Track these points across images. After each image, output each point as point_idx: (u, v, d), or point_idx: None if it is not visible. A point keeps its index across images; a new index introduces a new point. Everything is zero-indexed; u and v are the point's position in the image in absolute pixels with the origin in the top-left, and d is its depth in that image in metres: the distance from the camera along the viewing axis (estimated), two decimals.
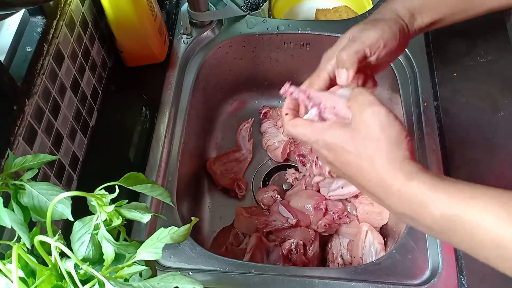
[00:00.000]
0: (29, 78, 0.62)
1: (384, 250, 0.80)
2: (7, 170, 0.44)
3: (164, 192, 0.48)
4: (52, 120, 0.67)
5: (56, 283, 0.41)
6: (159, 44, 0.88)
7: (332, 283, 0.66)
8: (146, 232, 0.72)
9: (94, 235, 0.42)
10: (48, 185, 0.43)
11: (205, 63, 0.94)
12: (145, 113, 0.84)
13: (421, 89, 0.84)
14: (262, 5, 0.97)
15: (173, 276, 0.40)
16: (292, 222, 0.84)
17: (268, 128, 1.03)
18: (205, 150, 1.02)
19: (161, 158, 0.79)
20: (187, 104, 0.87)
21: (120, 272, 0.42)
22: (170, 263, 0.69)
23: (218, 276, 0.68)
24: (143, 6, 0.80)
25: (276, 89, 1.09)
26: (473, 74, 0.84)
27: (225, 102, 1.08)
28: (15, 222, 0.40)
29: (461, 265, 0.66)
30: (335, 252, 0.87)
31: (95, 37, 0.82)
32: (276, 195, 0.92)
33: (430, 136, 0.78)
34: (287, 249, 0.83)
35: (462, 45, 0.88)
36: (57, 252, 0.40)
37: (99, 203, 0.42)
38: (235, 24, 0.95)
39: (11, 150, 0.56)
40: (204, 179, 0.99)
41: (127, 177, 0.45)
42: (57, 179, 0.68)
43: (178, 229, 0.43)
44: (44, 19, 0.66)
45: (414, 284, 0.66)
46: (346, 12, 1.08)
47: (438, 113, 0.81)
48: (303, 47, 0.97)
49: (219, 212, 0.97)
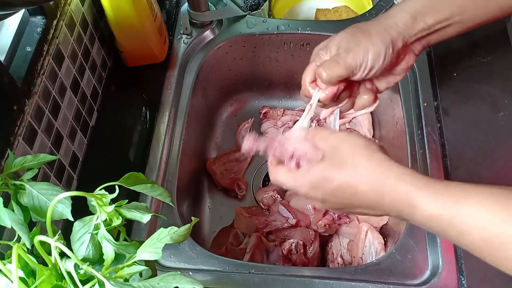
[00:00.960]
0: (29, 78, 0.62)
1: (384, 250, 0.80)
2: (7, 170, 0.44)
3: (164, 192, 0.48)
4: (52, 120, 0.67)
5: (56, 283, 0.41)
6: (159, 44, 0.88)
7: (332, 283, 0.66)
8: (146, 232, 0.72)
9: (94, 235, 0.42)
10: (48, 185, 0.43)
11: (205, 63, 0.94)
12: (145, 113, 0.84)
13: (421, 89, 0.84)
14: (262, 5, 0.97)
15: (173, 276, 0.40)
16: (292, 222, 0.84)
17: (268, 128, 1.03)
18: (205, 150, 1.02)
19: (161, 158, 0.79)
20: (187, 104, 0.87)
21: (120, 272, 0.42)
22: (170, 263, 0.69)
23: (218, 276, 0.68)
24: (143, 6, 0.80)
25: (276, 89, 1.10)
26: (473, 74, 0.84)
27: (225, 102, 1.08)
28: (15, 222, 0.40)
29: (461, 265, 0.66)
30: (335, 252, 0.87)
31: (95, 37, 0.82)
32: (276, 195, 0.92)
33: (430, 136, 0.78)
34: (287, 249, 0.83)
35: (462, 45, 0.88)
36: (57, 252, 0.40)
37: (99, 203, 0.42)
38: (235, 24, 0.95)
39: (11, 150, 0.56)
40: (204, 179, 0.99)
41: (127, 177, 0.45)
42: (57, 179, 0.68)
43: (178, 229, 0.43)
44: (44, 19, 0.66)
45: (414, 284, 0.66)
46: (346, 12, 1.08)
47: (438, 113, 0.81)
48: (303, 47, 0.97)
49: (219, 212, 0.97)
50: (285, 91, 1.09)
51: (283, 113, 1.05)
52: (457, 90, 0.83)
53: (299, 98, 1.07)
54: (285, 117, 1.04)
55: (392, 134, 0.91)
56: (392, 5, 0.94)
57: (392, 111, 0.91)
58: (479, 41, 0.88)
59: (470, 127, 0.79)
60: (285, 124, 1.03)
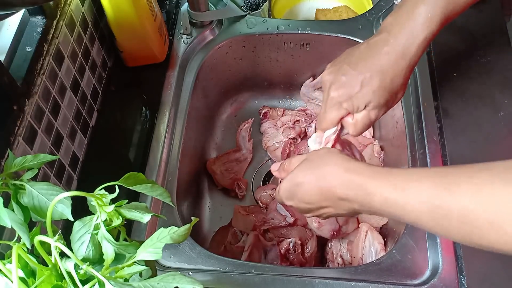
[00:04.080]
0: (29, 78, 0.62)
1: (384, 250, 0.80)
2: (7, 170, 0.44)
3: (164, 192, 0.48)
4: (52, 120, 0.67)
5: (56, 283, 0.41)
6: (159, 44, 0.88)
7: (332, 283, 0.66)
8: (146, 232, 0.72)
9: (94, 235, 0.42)
10: (48, 185, 0.43)
11: (205, 63, 0.94)
12: (145, 113, 0.84)
13: (421, 89, 0.83)
14: (262, 5, 0.97)
15: (173, 276, 0.40)
16: (290, 220, 0.84)
17: (268, 128, 1.03)
18: (205, 150, 1.02)
19: (161, 158, 0.79)
20: (187, 104, 0.87)
21: (120, 272, 0.42)
22: (170, 263, 0.69)
23: (218, 276, 0.68)
24: (143, 6, 0.80)
25: (276, 89, 1.10)
26: (473, 74, 0.84)
27: (225, 102, 1.08)
28: (15, 222, 0.40)
29: (461, 265, 0.66)
30: (335, 252, 0.87)
31: (95, 37, 0.82)
32: (274, 193, 0.92)
33: (430, 136, 0.78)
34: (284, 249, 0.83)
35: (462, 45, 0.88)
36: (57, 252, 0.40)
37: (99, 203, 0.42)
38: (235, 24, 0.95)
39: (11, 150, 0.56)
40: (204, 179, 0.99)
41: (127, 177, 0.45)
42: (57, 179, 0.68)
43: (178, 229, 0.43)
44: (44, 19, 0.66)
45: (414, 284, 0.66)
46: (346, 12, 1.08)
47: (438, 113, 0.81)
48: (303, 47, 0.97)
49: (219, 212, 0.97)
50: (285, 91, 1.09)
51: (283, 113, 1.05)
52: (457, 90, 0.83)
53: (299, 98, 1.07)
54: (285, 117, 1.04)
55: (392, 134, 0.91)
56: (392, 5, 0.94)
57: (392, 111, 0.90)
58: (479, 41, 0.88)
59: (470, 127, 0.79)
60: (285, 124, 1.03)
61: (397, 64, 0.58)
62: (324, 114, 0.63)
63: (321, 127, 0.65)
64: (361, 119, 0.61)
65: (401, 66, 0.58)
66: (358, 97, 0.59)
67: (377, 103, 0.59)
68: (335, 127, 0.64)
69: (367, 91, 0.59)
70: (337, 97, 0.61)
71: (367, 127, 0.63)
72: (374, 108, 0.60)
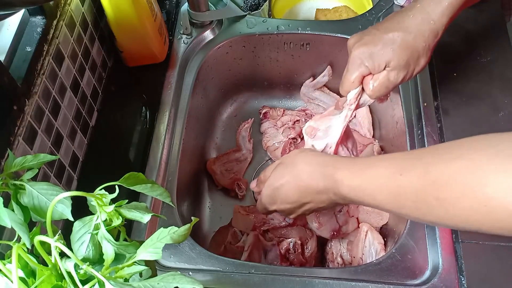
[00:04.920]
0: (29, 78, 0.62)
1: (384, 250, 0.80)
2: (7, 170, 0.44)
3: (164, 192, 0.48)
4: (52, 120, 0.67)
5: (56, 283, 0.41)
6: (159, 44, 0.88)
7: (332, 283, 0.66)
8: (146, 232, 0.72)
9: (94, 235, 0.42)
10: (48, 185, 0.43)
11: (205, 63, 0.94)
12: (145, 113, 0.84)
13: (421, 89, 0.83)
14: (262, 5, 0.97)
15: (173, 276, 0.40)
16: (289, 220, 0.84)
17: (267, 128, 1.03)
18: (205, 150, 1.02)
19: (161, 158, 0.79)
20: (187, 104, 0.87)
21: (120, 272, 0.42)
22: (170, 263, 0.69)
23: (218, 276, 0.68)
24: (143, 6, 0.80)
25: (276, 89, 1.09)
26: (473, 74, 0.84)
27: (225, 102, 1.08)
28: (15, 222, 0.40)
29: (461, 265, 0.66)
30: (335, 252, 0.87)
31: (95, 37, 0.82)
32: None
33: (430, 136, 0.78)
34: (284, 249, 0.83)
35: (462, 45, 0.88)
36: (57, 252, 0.40)
37: (99, 203, 0.42)
38: (235, 24, 0.95)
39: (11, 150, 0.56)
40: (204, 179, 0.99)
41: (127, 177, 0.45)
42: (57, 179, 0.68)
43: (178, 229, 0.43)
44: (44, 19, 0.66)
45: (414, 284, 0.66)
46: (346, 12, 1.08)
47: (438, 113, 0.81)
48: (303, 47, 0.97)
49: (219, 212, 0.97)
50: (285, 91, 1.09)
51: (283, 113, 1.05)
52: (457, 90, 0.83)
53: (299, 98, 1.07)
54: (285, 117, 1.04)
55: (392, 134, 0.91)
56: (392, 5, 0.94)
57: (392, 111, 0.91)
58: (479, 41, 0.88)
59: (470, 127, 0.79)
60: (285, 124, 1.03)
61: (422, 25, 0.60)
62: (346, 73, 0.64)
63: (343, 89, 0.66)
64: (380, 79, 0.62)
65: (425, 27, 0.60)
66: (379, 55, 0.61)
67: (397, 63, 0.60)
68: (357, 88, 0.64)
69: (388, 50, 0.60)
70: (359, 55, 0.62)
71: (385, 89, 0.63)
72: (394, 69, 0.61)
